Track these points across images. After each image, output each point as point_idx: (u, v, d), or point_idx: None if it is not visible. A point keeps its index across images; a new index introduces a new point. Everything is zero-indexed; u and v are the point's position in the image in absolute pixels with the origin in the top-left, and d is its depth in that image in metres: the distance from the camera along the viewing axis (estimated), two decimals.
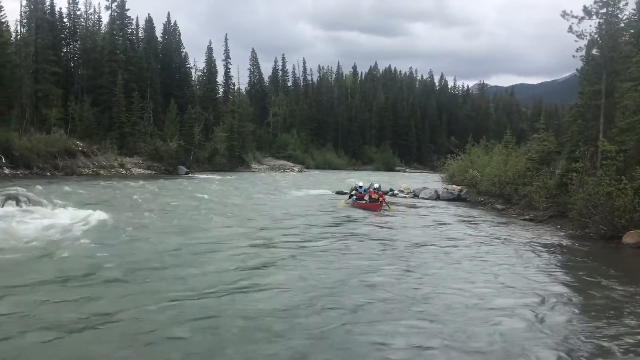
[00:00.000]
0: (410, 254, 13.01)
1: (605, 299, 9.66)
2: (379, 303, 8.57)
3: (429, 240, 15.58)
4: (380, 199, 23.26)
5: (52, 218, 14.97)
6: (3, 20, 48.20)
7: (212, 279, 9.60)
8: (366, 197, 23.85)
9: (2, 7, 48.46)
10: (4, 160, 36.64)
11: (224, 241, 13.35)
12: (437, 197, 31.74)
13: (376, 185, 25.26)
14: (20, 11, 51.05)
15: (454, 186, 33.68)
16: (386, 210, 22.88)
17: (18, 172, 36.79)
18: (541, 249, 14.85)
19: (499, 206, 26.18)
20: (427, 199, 31.65)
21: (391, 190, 34.60)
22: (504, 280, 10.74)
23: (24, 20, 50.99)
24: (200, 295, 8.57)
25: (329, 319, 7.67)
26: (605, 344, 7.28)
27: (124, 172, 46.63)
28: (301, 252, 12.70)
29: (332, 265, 11.36)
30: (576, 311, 8.90)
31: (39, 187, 24.07)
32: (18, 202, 17.70)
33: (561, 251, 14.72)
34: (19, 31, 50.97)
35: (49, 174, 38.64)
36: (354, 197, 24.79)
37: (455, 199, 31.13)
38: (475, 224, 20.33)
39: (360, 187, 25.44)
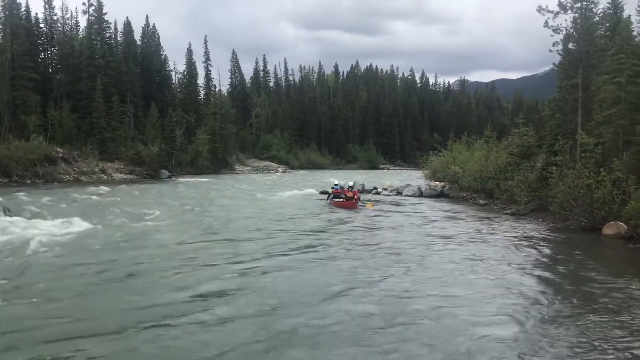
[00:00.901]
0: (394, 255, 12.97)
1: (586, 291, 9.78)
2: (360, 311, 8.42)
3: (411, 239, 15.62)
4: (355, 196, 23.96)
5: (27, 229, 14.82)
6: None
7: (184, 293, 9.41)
8: (343, 196, 24.32)
9: None
10: None
11: (200, 255, 12.62)
12: (421, 194, 31.84)
13: (350, 184, 25.97)
14: None
15: (436, 183, 33.81)
16: (362, 206, 23.66)
17: None
18: (523, 242, 14.98)
19: (481, 201, 26.36)
20: (410, 196, 31.74)
21: (375, 188, 34.67)
22: (487, 276, 10.80)
23: None
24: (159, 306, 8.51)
25: (309, 327, 7.59)
26: (585, 334, 7.37)
27: (105, 177, 46.07)
28: (283, 259, 12.62)
29: (315, 270, 11.33)
30: (559, 304, 8.99)
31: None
32: None
33: (543, 244, 14.85)
34: None
35: (29, 181, 38.05)
36: (332, 195, 25.38)
37: (438, 195, 31.26)
38: (458, 220, 20.43)
39: (336, 184, 26.18)
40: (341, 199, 24.22)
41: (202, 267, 11.16)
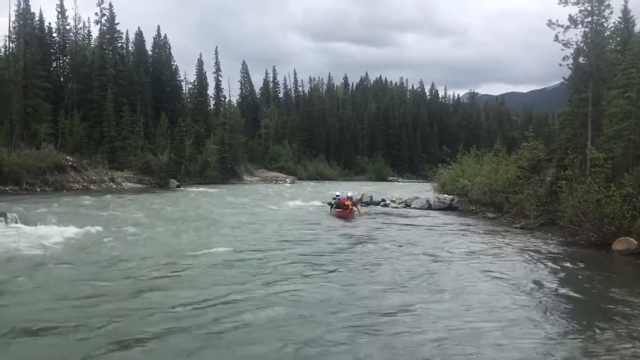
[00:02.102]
0: (403, 272, 12.56)
1: (597, 307, 9.65)
2: (363, 335, 7.99)
3: (419, 253, 15.39)
4: (351, 206, 25.25)
5: (34, 236, 14.92)
6: None
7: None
8: (343, 206, 25.51)
9: None
10: None
11: (197, 265, 12.59)
12: (429, 207, 31.70)
13: (350, 194, 27.40)
14: (9, 26, 50.74)
15: (445, 195, 33.65)
16: (358, 215, 25.44)
17: (7, 188, 36.49)
18: (533, 257, 14.83)
19: (490, 215, 26.19)
20: (418, 208, 31.61)
21: (383, 200, 34.60)
22: (500, 298, 10.35)
23: (13, 36, 50.80)
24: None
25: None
26: (596, 351, 7.26)
27: (114, 186, 46.33)
28: (285, 272, 12.52)
29: (319, 289, 11.14)
30: (569, 320, 8.87)
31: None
32: (6, 220, 17.66)
33: (552, 259, 14.67)
34: (8, 46, 50.83)
35: (38, 189, 38.33)
36: (334, 205, 26.40)
37: (447, 208, 31.12)
38: (466, 233, 20.28)
39: (337, 195, 27.24)
40: (341, 209, 25.38)
41: (200, 280, 11.07)
